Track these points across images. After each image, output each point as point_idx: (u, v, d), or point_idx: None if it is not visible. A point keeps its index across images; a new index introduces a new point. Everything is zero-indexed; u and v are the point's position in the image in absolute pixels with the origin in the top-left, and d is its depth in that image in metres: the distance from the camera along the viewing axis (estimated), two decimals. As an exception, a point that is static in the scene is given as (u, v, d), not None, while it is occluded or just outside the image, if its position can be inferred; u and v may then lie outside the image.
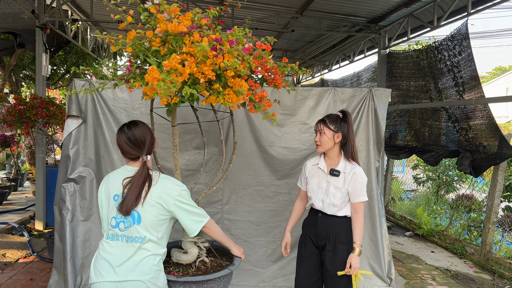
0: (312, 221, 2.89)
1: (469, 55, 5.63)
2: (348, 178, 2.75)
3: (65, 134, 3.85)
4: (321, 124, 2.81)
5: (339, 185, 2.76)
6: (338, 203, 2.77)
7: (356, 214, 2.77)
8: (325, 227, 2.80)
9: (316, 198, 2.84)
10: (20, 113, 5.52)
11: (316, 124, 2.88)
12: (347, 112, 2.84)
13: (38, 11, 6.49)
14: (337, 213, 2.79)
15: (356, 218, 2.77)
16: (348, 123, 2.79)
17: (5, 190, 8.24)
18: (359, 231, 2.74)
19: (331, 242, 2.77)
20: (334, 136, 2.77)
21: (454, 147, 6.15)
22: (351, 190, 2.75)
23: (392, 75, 7.89)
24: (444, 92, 6.42)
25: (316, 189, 2.84)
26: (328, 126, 2.77)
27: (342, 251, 2.74)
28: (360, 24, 7.81)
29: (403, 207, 8.34)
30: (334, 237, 2.76)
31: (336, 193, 2.77)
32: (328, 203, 2.79)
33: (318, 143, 2.81)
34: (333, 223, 2.79)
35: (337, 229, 2.78)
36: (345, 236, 2.77)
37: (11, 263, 4.96)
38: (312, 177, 2.89)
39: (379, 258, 4.16)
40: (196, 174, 4.05)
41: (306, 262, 2.89)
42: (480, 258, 5.48)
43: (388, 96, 4.17)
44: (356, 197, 2.76)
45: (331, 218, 2.80)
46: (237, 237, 4.13)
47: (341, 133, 2.77)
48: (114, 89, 3.91)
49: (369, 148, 4.13)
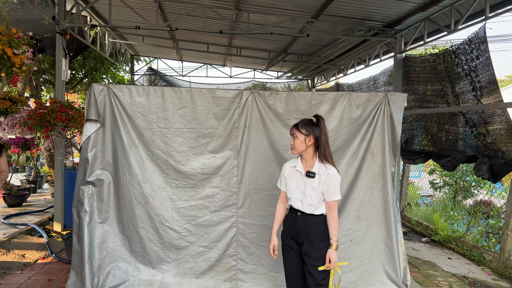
0: (292, 219, 3.09)
1: (487, 59, 5.55)
2: (323, 179, 2.96)
3: (83, 137, 3.93)
4: (294, 128, 3.04)
5: (315, 186, 2.97)
6: (315, 203, 2.98)
7: (331, 212, 3.00)
8: (304, 225, 3.01)
9: (295, 198, 3.04)
10: (40, 116, 5.66)
11: (290, 128, 3.08)
12: (320, 116, 3.05)
13: (59, 17, 6.64)
14: (315, 212, 2.99)
15: (331, 216, 3.00)
16: (320, 127, 2.99)
17: (25, 192, 8.42)
18: (334, 228, 2.98)
19: (309, 239, 2.97)
20: (305, 140, 2.97)
21: (472, 152, 6.06)
22: (326, 190, 2.96)
23: (409, 79, 7.82)
24: (461, 97, 6.34)
25: (295, 190, 3.05)
26: (300, 130, 2.99)
27: (320, 246, 2.96)
28: (376, 28, 7.77)
29: (419, 212, 8.24)
30: (312, 234, 2.97)
31: (312, 194, 2.98)
32: (306, 203, 2.99)
33: (292, 146, 3.04)
34: (311, 222, 2.99)
35: (315, 227, 2.99)
36: (322, 233, 2.99)
37: (30, 264, 5.07)
38: (291, 178, 3.10)
39: (395, 264, 4.12)
40: (212, 177, 4.09)
41: (292, 257, 3.10)
42: (499, 265, 5.38)
43: (404, 101, 4.14)
44: (330, 196, 2.97)
45: (309, 217, 3.00)
46: (251, 241, 4.15)
47: (312, 136, 2.97)
48: (131, 94, 3.98)
49: (384, 153, 4.11)
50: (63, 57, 6.64)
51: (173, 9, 8.16)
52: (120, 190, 3.99)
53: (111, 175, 4.01)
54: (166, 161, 4.04)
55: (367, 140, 4.13)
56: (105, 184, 3.98)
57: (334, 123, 4.13)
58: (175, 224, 4.06)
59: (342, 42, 8.77)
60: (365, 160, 4.14)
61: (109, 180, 4.00)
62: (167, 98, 4.02)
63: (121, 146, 3.98)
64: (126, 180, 3.98)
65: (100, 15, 8.95)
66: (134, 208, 3.98)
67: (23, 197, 8.20)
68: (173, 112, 4.03)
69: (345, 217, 4.14)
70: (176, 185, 4.07)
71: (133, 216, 3.98)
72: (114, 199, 4.03)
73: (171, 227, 4.05)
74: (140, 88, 4.02)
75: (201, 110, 4.06)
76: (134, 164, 3.99)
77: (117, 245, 4.02)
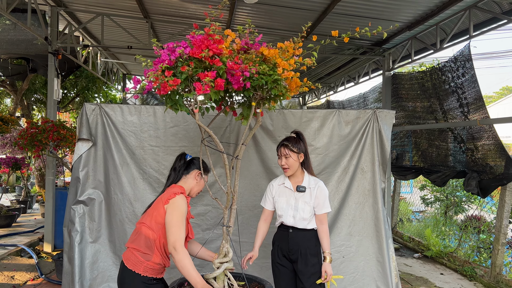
0: (283, 237, 3.08)
1: (472, 77, 5.69)
2: (314, 192, 2.99)
3: (75, 156, 3.94)
4: (285, 148, 2.99)
5: (307, 200, 3.00)
6: (307, 217, 3.00)
7: (322, 225, 3.03)
8: (297, 241, 3.01)
9: (287, 215, 3.04)
10: (32, 136, 5.65)
11: (278, 148, 3.06)
12: (299, 131, 3.09)
13: (51, 38, 6.70)
14: (307, 226, 3.01)
15: (322, 229, 3.03)
16: (303, 141, 3.03)
17: (15, 212, 8.31)
18: (326, 241, 3.01)
19: (303, 255, 2.98)
20: (298, 157, 3.00)
21: (461, 168, 6.15)
22: (316, 203, 3.00)
23: (398, 96, 7.96)
24: (449, 113, 6.46)
25: (285, 207, 3.05)
26: (291, 149, 2.98)
27: (313, 262, 2.98)
28: (365, 47, 7.93)
29: (411, 228, 8.27)
30: (306, 251, 2.99)
31: (305, 207, 3.00)
32: (299, 218, 3.00)
33: (286, 166, 3.00)
34: (303, 237, 3.01)
35: (307, 242, 3.00)
36: (314, 249, 3.01)
37: (20, 286, 4.99)
38: (280, 196, 3.10)
39: (387, 280, 4.13)
40: (203, 195, 4.09)
41: (284, 276, 3.07)
42: (490, 280, 5.40)
43: (392, 118, 4.22)
44: (321, 209, 3.01)
45: (302, 233, 3.01)
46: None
47: (303, 153, 3.00)
48: (123, 113, 4.01)
49: (374, 169, 4.16)
50: (55, 77, 6.67)
51: (165, 29, 8.28)
52: (112, 209, 3.98)
53: (103, 194, 4.00)
54: (158, 179, 4.05)
55: (357, 156, 4.19)
56: (96, 203, 3.97)
57: (324, 140, 4.18)
58: (167, 243, 4.04)
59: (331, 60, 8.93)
60: (355, 176, 4.18)
61: (101, 199, 3.99)
62: (159, 117, 4.05)
63: (113, 165, 3.99)
64: (117, 199, 3.98)
65: (93, 35, 9.03)
66: (126, 227, 3.96)
67: (12, 218, 8.09)
68: (165, 130, 4.06)
69: (337, 234, 4.15)
70: (168, 204, 4.07)
71: (125, 235, 3.96)
72: (106, 218, 4.01)
73: (163, 245, 4.03)
74: (132, 107, 4.05)
75: (192, 128, 4.09)
76: (125, 182, 4.00)
77: (109, 265, 3.99)
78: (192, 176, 2.76)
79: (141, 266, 2.46)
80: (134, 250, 2.50)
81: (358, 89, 22.85)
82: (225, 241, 2.87)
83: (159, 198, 2.60)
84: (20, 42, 8.08)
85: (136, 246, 2.50)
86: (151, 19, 7.47)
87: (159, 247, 2.50)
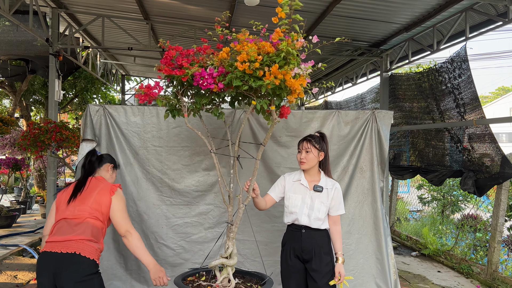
0: (296, 237, 3.04)
1: (468, 78, 5.78)
2: (331, 193, 3.01)
3: (79, 157, 3.99)
4: (308, 143, 3.02)
5: (324, 200, 2.99)
6: (322, 217, 2.99)
7: (336, 226, 3.05)
8: (311, 241, 2.99)
9: (302, 213, 3.01)
10: (35, 137, 5.70)
11: (300, 142, 3.09)
12: (323, 133, 3.12)
13: (52, 39, 6.75)
14: (321, 227, 3.01)
15: (336, 230, 3.05)
16: (326, 142, 3.07)
17: (15, 213, 8.35)
18: (339, 242, 3.03)
19: (317, 254, 2.97)
20: (318, 155, 3.02)
21: (458, 167, 6.24)
22: (333, 204, 3.02)
23: (395, 97, 8.05)
24: (446, 113, 6.55)
25: (300, 205, 3.02)
26: (314, 145, 3.00)
27: (327, 261, 2.98)
28: (362, 48, 8.02)
29: (409, 227, 8.36)
30: (319, 249, 2.97)
31: (321, 208, 2.99)
32: (314, 218, 2.98)
33: (304, 160, 3.02)
34: (317, 237, 3.00)
35: (321, 242, 3.00)
36: (327, 248, 3.01)
37: (23, 285, 5.04)
38: (295, 193, 3.07)
39: (385, 277, 4.21)
40: (206, 194, 4.16)
41: (295, 276, 3.04)
42: (487, 277, 5.50)
43: (390, 118, 4.30)
44: (337, 210, 3.04)
45: (315, 232, 3.00)
46: (245, 257, 4.22)
47: (323, 152, 3.04)
48: (127, 114, 4.08)
49: (373, 168, 4.24)
50: (56, 78, 6.72)
51: (165, 30, 8.34)
52: (115, 208, 4.04)
53: (107, 194, 4.06)
54: (161, 179, 4.11)
55: (356, 156, 4.27)
56: (100, 202, 4.02)
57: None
58: (170, 242, 4.11)
59: (329, 62, 9.02)
60: (355, 175, 4.26)
61: (105, 199, 4.05)
62: (161, 118, 4.11)
63: (117, 165, 4.05)
64: (121, 198, 4.03)
65: (93, 36, 9.09)
66: (129, 226, 4.02)
67: (13, 218, 8.13)
68: (168, 131, 4.13)
69: (337, 232, 4.23)
70: (171, 203, 4.14)
71: (128, 234, 4.02)
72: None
73: (166, 244, 4.10)
74: (136, 108, 4.12)
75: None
76: (129, 182, 4.06)
77: (112, 263, 4.05)
78: (105, 169, 3.03)
79: (96, 254, 2.63)
80: (86, 241, 2.61)
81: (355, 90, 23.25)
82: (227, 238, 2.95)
83: (96, 191, 2.75)
84: (20, 43, 8.13)
85: (86, 237, 2.62)
86: (151, 20, 7.54)
87: (103, 234, 2.78)
